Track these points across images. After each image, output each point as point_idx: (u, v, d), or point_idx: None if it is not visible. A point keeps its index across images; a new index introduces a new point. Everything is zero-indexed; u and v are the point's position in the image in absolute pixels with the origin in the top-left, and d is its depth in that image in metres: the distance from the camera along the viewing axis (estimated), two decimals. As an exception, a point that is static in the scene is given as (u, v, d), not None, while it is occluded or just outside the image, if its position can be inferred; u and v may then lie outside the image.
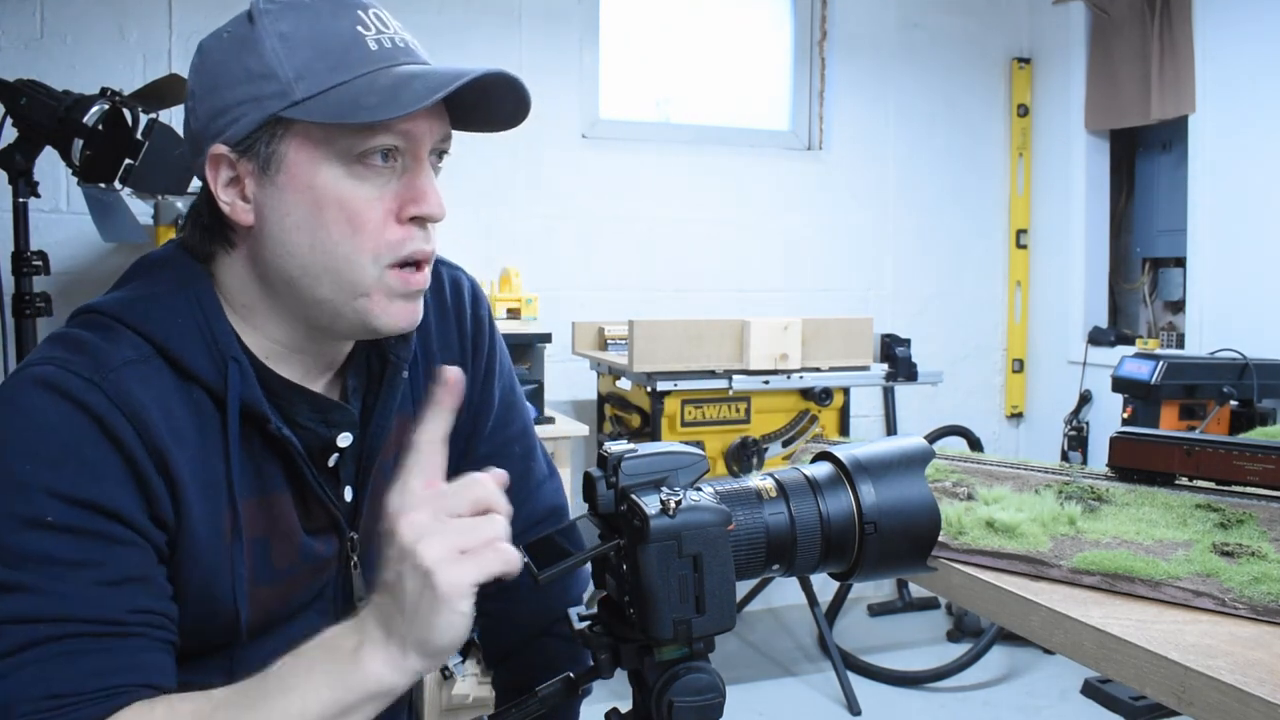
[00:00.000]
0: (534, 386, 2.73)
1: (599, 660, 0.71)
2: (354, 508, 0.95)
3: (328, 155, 0.82)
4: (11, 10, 2.83)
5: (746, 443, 2.91)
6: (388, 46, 0.83)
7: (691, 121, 3.74)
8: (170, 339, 0.83)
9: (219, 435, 0.84)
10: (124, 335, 0.83)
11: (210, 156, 0.84)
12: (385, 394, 0.95)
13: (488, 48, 3.32)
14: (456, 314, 1.04)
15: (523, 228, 3.40)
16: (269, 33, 0.82)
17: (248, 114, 0.82)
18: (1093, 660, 0.85)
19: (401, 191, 0.84)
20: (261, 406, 0.85)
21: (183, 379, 0.83)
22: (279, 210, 0.83)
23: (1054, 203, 3.95)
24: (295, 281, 0.85)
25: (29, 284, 2.26)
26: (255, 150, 0.83)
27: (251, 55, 0.82)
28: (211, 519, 0.83)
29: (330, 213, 0.82)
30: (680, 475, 0.69)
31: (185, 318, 0.85)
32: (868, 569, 0.73)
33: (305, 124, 0.81)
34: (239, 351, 0.86)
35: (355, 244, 0.83)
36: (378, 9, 0.86)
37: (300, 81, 0.80)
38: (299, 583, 0.91)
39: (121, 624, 0.76)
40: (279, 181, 0.83)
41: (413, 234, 0.85)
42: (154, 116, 2.22)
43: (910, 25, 3.90)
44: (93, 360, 0.80)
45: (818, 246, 3.80)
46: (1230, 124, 3.20)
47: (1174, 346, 3.45)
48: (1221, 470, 1.07)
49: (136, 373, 0.81)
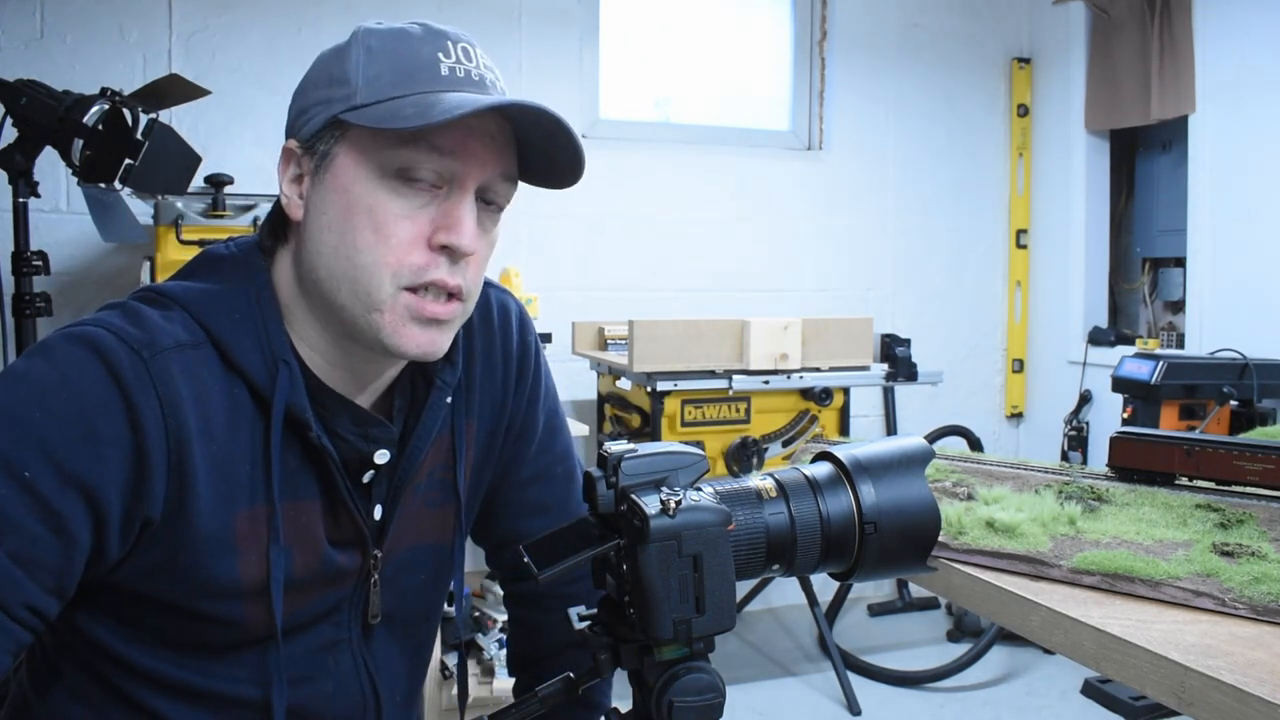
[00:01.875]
0: (534, 386, 2.73)
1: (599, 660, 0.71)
2: (381, 526, 0.94)
3: (371, 163, 0.83)
4: (11, 10, 2.83)
5: (746, 443, 2.90)
6: (459, 75, 0.84)
7: (691, 121, 3.74)
8: (225, 331, 0.84)
9: (250, 435, 0.84)
10: (180, 319, 0.83)
11: (283, 151, 0.87)
12: (427, 417, 0.94)
13: (487, 47, 3.28)
14: (503, 338, 1.04)
15: (523, 228, 3.40)
16: (359, 45, 0.85)
17: (318, 115, 0.84)
18: (1093, 660, 0.85)
19: (437, 217, 0.84)
20: (306, 414, 0.85)
21: (229, 372, 0.84)
22: (319, 208, 0.85)
23: (1054, 203, 3.95)
24: (321, 283, 0.86)
25: (29, 284, 2.26)
26: (315, 149, 0.85)
27: (338, 63, 0.85)
28: (221, 516, 0.83)
29: (359, 219, 0.83)
30: (680, 475, 0.69)
31: (242, 314, 0.86)
32: (868, 569, 0.73)
33: (358, 129, 0.83)
34: (290, 355, 0.86)
35: (376, 255, 0.83)
36: (469, 44, 0.88)
37: (365, 89, 0.82)
38: (314, 591, 0.91)
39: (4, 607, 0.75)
40: (326, 181, 0.85)
41: (438, 262, 0.84)
42: (154, 116, 2.21)
43: (910, 25, 3.90)
44: (147, 335, 0.80)
45: (818, 246, 3.80)
46: (1230, 124, 3.20)
47: (1174, 346, 3.45)
48: (1221, 470, 1.07)
49: (184, 358, 0.81)
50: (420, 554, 0.99)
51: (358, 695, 0.95)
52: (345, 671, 0.94)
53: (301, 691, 0.91)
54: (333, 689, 0.93)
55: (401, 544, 0.96)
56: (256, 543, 0.85)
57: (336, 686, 0.93)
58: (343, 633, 0.94)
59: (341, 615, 0.93)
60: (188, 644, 0.87)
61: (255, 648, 0.88)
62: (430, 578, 1.01)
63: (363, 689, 0.95)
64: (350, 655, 0.94)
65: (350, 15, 3.04)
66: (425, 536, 0.99)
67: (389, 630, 0.98)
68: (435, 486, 0.99)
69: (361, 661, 0.95)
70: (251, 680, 0.88)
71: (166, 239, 2.53)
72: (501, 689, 2.58)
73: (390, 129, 0.80)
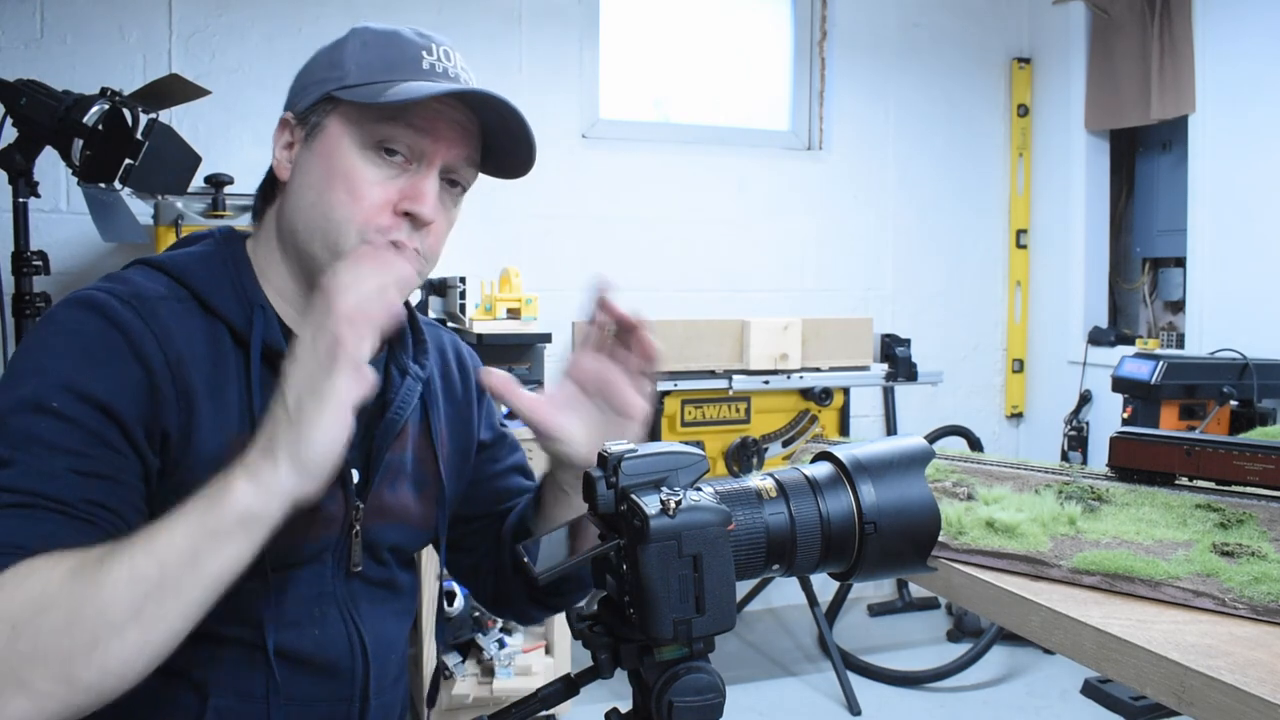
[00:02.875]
0: (534, 386, 2.73)
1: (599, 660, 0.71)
2: (362, 487, 1.02)
3: (354, 135, 0.95)
4: (11, 10, 2.83)
5: (746, 443, 2.91)
6: (438, 70, 0.97)
7: (691, 121, 3.74)
8: (204, 285, 0.96)
9: (236, 370, 0.94)
10: (163, 279, 0.96)
11: (280, 121, 1.00)
12: (401, 394, 1.05)
13: (488, 47, 3.32)
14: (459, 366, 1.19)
15: (523, 228, 3.40)
16: (355, 40, 0.98)
17: (314, 91, 0.97)
18: (1093, 660, 0.85)
19: (405, 188, 0.95)
20: (281, 346, 0.94)
21: (210, 318, 0.95)
22: (304, 169, 0.97)
23: (1054, 203, 3.95)
24: (298, 234, 0.97)
25: (29, 284, 2.26)
26: (308, 120, 0.97)
27: (336, 52, 0.98)
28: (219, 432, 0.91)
29: (337, 179, 0.94)
30: (680, 475, 0.69)
31: (219, 270, 0.98)
32: (868, 569, 0.73)
33: (346, 105, 0.95)
34: (264, 300, 0.98)
35: (347, 212, 0.94)
36: (450, 49, 1.00)
37: (356, 72, 0.95)
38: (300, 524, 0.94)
39: (70, 506, 0.81)
40: (313, 147, 0.97)
41: (400, 225, 0.95)
42: (154, 116, 2.21)
43: (910, 25, 3.90)
44: (134, 289, 0.92)
45: (818, 246, 3.80)
46: (1230, 124, 3.20)
47: (1174, 346, 3.45)
48: (1221, 470, 1.07)
49: (168, 306, 0.93)
50: (403, 533, 1.07)
51: (344, 644, 1.00)
52: (332, 621, 1.00)
53: (291, 634, 0.96)
54: (319, 636, 0.99)
55: (386, 516, 1.04)
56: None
57: (323, 634, 0.99)
58: (327, 585, 1.00)
59: (325, 566, 0.99)
60: None
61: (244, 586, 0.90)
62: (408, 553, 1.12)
63: (349, 639, 1.00)
64: (336, 607, 1.00)
65: (351, 15, 3.04)
66: (408, 519, 1.07)
67: (373, 591, 1.04)
68: (416, 473, 1.08)
69: (348, 613, 1.01)
70: (243, 620, 0.94)
71: (166, 239, 2.53)
72: (501, 689, 2.58)
73: (373, 104, 0.92)
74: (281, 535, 0.91)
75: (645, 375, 0.96)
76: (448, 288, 2.96)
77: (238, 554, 0.75)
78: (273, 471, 0.74)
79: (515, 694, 2.51)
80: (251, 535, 0.75)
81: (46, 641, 0.71)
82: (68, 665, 0.71)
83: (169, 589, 0.72)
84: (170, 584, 0.72)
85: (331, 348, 0.75)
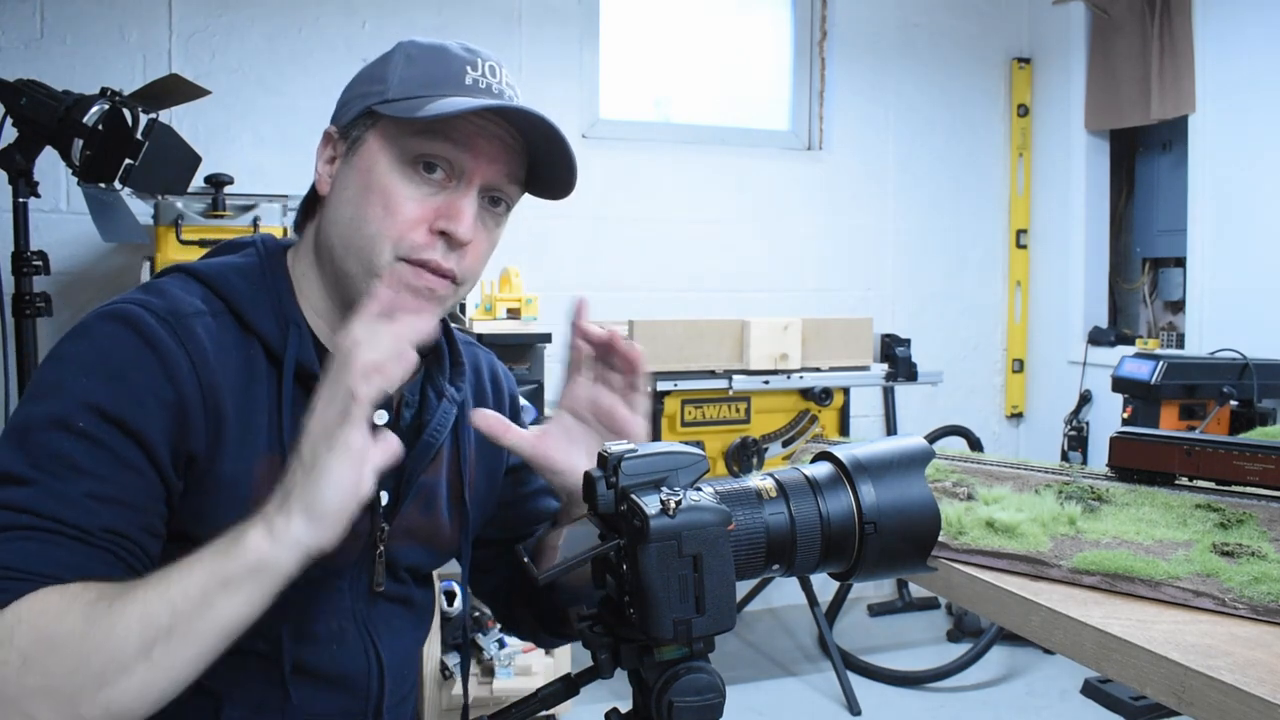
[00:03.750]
0: (534, 386, 2.73)
1: (599, 660, 0.71)
2: (390, 509, 1.01)
3: (392, 151, 0.93)
4: (11, 10, 2.83)
5: (746, 443, 2.91)
6: (481, 86, 0.95)
7: (691, 121, 3.74)
8: (241, 299, 0.94)
9: (267, 390, 0.93)
10: (199, 290, 0.94)
11: (324, 134, 0.99)
12: (438, 417, 1.04)
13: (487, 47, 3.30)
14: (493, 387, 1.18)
15: (523, 228, 3.40)
16: (400, 53, 0.97)
17: (356, 105, 0.96)
18: (1093, 660, 0.85)
19: (442, 206, 0.93)
20: (314, 367, 0.94)
21: (245, 334, 0.94)
22: (343, 184, 0.96)
23: (1054, 203, 3.95)
24: (334, 250, 0.96)
25: (29, 284, 2.26)
26: (349, 134, 0.96)
27: (381, 67, 0.97)
28: (244, 459, 0.91)
29: (374, 195, 0.93)
30: (680, 475, 0.69)
31: (257, 284, 0.97)
32: (868, 569, 0.73)
33: (386, 120, 0.93)
34: (300, 318, 0.97)
35: (383, 228, 0.92)
36: (496, 64, 0.98)
37: (398, 87, 0.93)
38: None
39: (90, 534, 0.80)
40: (353, 162, 0.95)
41: (434, 244, 0.93)
42: (154, 116, 2.21)
43: (910, 25, 3.90)
44: (170, 305, 0.90)
45: (818, 246, 3.80)
46: (1230, 124, 3.20)
47: (1174, 346, 3.45)
48: (1221, 470, 1.07)
49: (205, 322, 0.91)
50: (426, 555, 1.07)
51: (362, 660, 1.00)
52: (350, 639, 1.00)
53: (309, 649, 0.96)
54: (338, 652, 0.99)
55: (411, 538, 1.04)
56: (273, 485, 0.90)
57: (341, 651, 0.99)
58: (347, 601, 1.00)
59: (345, 583, 0.99)
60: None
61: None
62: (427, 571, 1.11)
63: (367, 655, 1.00)
64: (355, 623, 1.00)
65: (350, 16, 3.03)
66: (434, 542, 1.07)
67: (391, 608, 1.04)
68: (445, 497, 1.07)
69: (365, 631, 1.01)
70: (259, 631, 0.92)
71: (166, 239, 2.53)
72: (501, 689, 2.58)
73: (410, 119, 0.90)
74: None
75: (634, 388, 0.96)
76: (448, 288, 2.96)
77: (249, 603, 0.75)
78: (286, 523, 0.74)
79: (515, 694, 2.51)
80: (263, 585, 0.75)
81: (54, 677, 0.71)
82: (73, 703, 0.72)
83: (179, 634, 0.73)
84: (181, 629, 0.73)
85: (346, 403, 0.74)
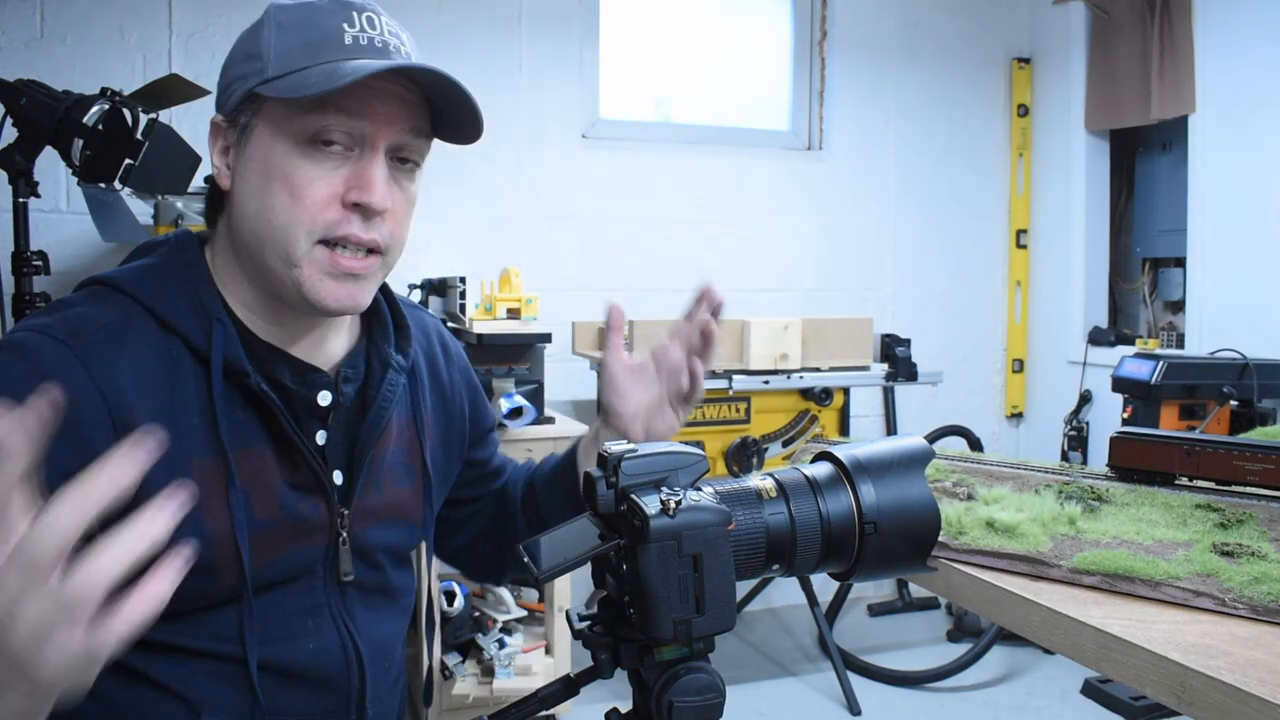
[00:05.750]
0: (534, 386, 2.73)
1: (599, 660, 0.71)
2: (346, 488, 0.99)
3: (285, 133, 0.88)
4: (11, 10, 2.83)
5: (746, 443, 2.91)
6: (363, 44, 0.89)
7: (691, 121, 3.74)
8: (158, 300, 0.91)
9: (194, 390, 0.90)
10: (114, 299, 0.91)
11: (211, 125, 0.94)
12: (384, 390, 1.01)
13: (488, 47, 3.32)
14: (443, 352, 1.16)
15: (523, 228, 3.40)
16: (271, 22, 0.90)
17: (237, 90, 0.91)
18: (1093, 660, 0.85)
19: (350, 177, 0.89)
20: (242, 364, 0.91)
21: (168, 335, 0.90)
22: (242, 177, 0.92)
23: (1054, 203, 3.95)
24: (248, 246, 0.92)
25: (29, 284, 2.26)
26: (237, 122, 0.92)
27: (253, 40, 0.91)
28: (176, 468, 0.87)
29: (276, 184, 0.89)
30: (680, 475, 0.69)
31: (175, 282, 0.93)
32: (868, 569, 0.73)
33: (271, 101, 0.88)
34: (223, 313, 0.93)
35: (292, 215, 0.88)
36: (374, 13, 0.92)
37: (276, 62, 0.88)
38: (284, 538, 0.94)
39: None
40: (247, 152, 0.91)
41: (349, 218, 0.90)
42: (154, 116, 2.21)
43: (910, 25, 3.90)
44: (70, 325, 0.87)
45: (818, 246, 3.80)
46: (1230, 124, 3.20)
47: (1174, 346, 3.45)
48: (1221, 470, 1.07)
49: (112, 333, 0.88)
50: (393, 530, 1.05)
51: (340, 655, 0.98)
52: (326, 632, 0.98)
53: (283, 648, 0.95)
54: (314, 648, 0.97)
55: (374, 516, 1.02)
56: (215, 489, 0.89)
57: (318, 646, 0.97)
58: (320, 596, 0.98)
59: (315, 578, 0.98)
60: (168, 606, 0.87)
61: (233, 604, 0.92)
62: (404, 556, 1.10)
63: (344, 649, 0.99)
64: (330, 617, 0.98)
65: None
66: (397, 512, 1.05)
67: (368, 598, 1.02)
68: (402, 466, 1.05)
69: (342, 623, 0.99)
70: (234, 638, 0.92)
71: (166, 239, 2.53)
72: (501, 689, 2.58)
73: (296, 98, 0.86)
74: (262, 553, 0.91)
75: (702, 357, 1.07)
76: (448, 288, 2.96)
77: None
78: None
79: (515, 694, 2.51)
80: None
81: None
82: None
83: None
84: None
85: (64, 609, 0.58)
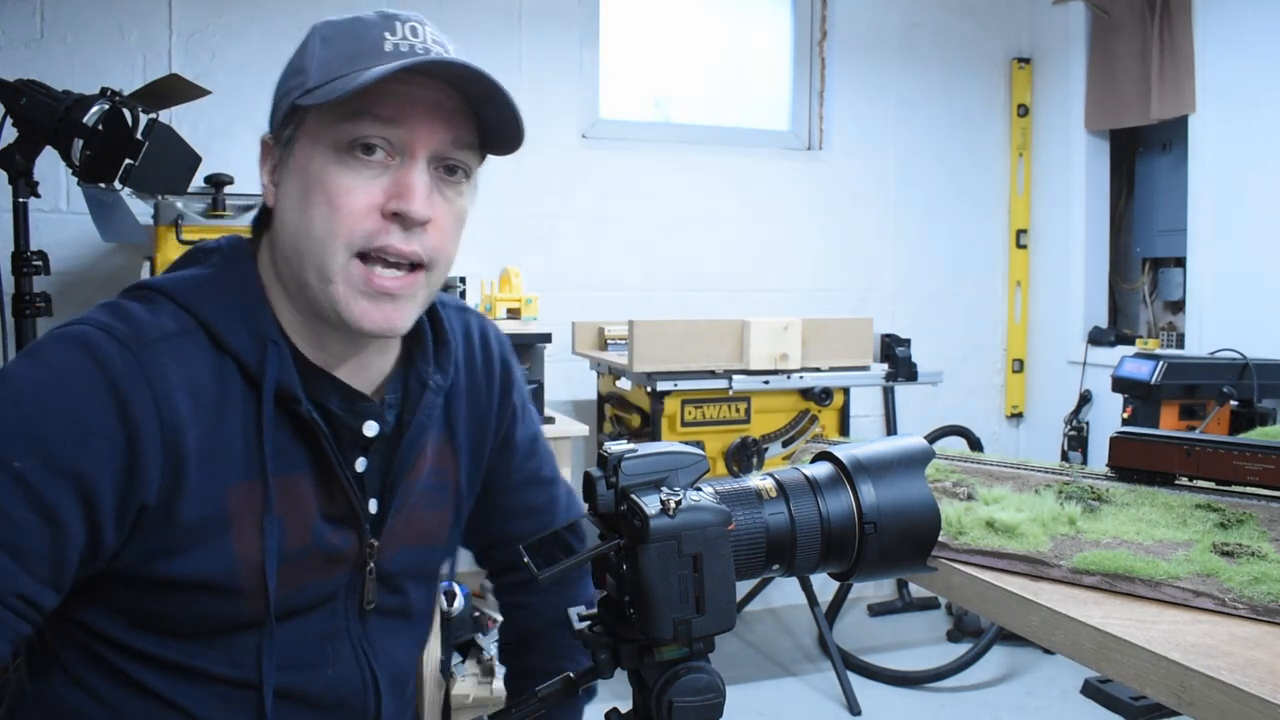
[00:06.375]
0: (534, 386, 2.73)
1: (599, 660, 0.71)
2: (379, 518, 0.96)
3: (324, 142, 0.86)
4: (11, 10, 2.83)
5: (746, 443, 2.90)
6: (402, 50, 0.85)
7: (691, 121, 3.74)
8: (213, 316, 0.87)
9: (242, 411, 0.87)
10: (169, 309, 0.87)
11: (260, 144, 0.92)
12: (420, 416, 0.97)
13: (488, 47, 3.32)
14: (484, 356, 1.09)
15: (523, 228, 3.40)
16: (316, 37, 0.89)
17: (282, 106, 0.89)
18: (1093, 660, 0.85)
19: (389, 186, 0.86)
20: (295, 390, 0.88)
21: (219, 354, 0.87)
22: (285, 192, 0.89)
23: (1054, 203, 3.95)
24: (290, 263, 0.89)
25: (29, 284, 2.25)
26: (281, 138, 0.89)
27: (298, 56, 0.89)
28: (214, 492, 0.85)
29: (315, 195, 0.85)
30: (680, 475, 0.69)
31: (229, 296, 0.89)
32: (868, 569, 0.73)
33: (312, 112, 0.86)
34: (277, 334, 0.89)
35: (330, 228, 0.85)
36: (418, 23, 0.89)
37: (316, 74, 0.86)
38: (310, 569, 0.92)
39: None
40: (289, 165, 0.89)
41: (389, 229, 0.86)
42: (154, 116, 2.21)
43: (910, 25, 3.89)
44: (134, 329, 0.83)
45: (818, 246, 3.80)
46: (1230, 124, 3.20)
47: (1174, 346, 3.44)
48: (1221, 470, 1.07)
49: (172, 346, 0.84)
50: (419, 554, 1.02)
51: (358, 682, 0.97)
52: (345, 659, 0.96)
53: (302, 676, 0.93)
54: (333, 675, 0.95)
55: (401, 541, 0.99)
56: (250, 514, 0.87)
57: (337, 673, 0.96)
58: (340, 622, 0.96)
59: (338, 604, 0.96)
60: (187, 628, 0.88)
61: (253, 630, 0.90)
62: (428, 577, 1.05)
63: (363, 676, 0.97)
64: (350, 644, 0.97)
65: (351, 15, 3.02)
66: (425, 539, 1.02)
67: (387, 622, 1.00)
68: (433, 488, 1.02)
69: (361, 651, 0.97)
70: (251, 664, 0.90)
71: (166, 239, 2.53)
72: (501, 689, 2.58)
73: (328, 102, 0.83)
74: (288, 581, 0.89)
75: None
76: (448, 287, 2.96)
77: None
78: None
79: (515, 694, 2.51)
80: None
81: None
82: None
83: None
84: None
85: None
